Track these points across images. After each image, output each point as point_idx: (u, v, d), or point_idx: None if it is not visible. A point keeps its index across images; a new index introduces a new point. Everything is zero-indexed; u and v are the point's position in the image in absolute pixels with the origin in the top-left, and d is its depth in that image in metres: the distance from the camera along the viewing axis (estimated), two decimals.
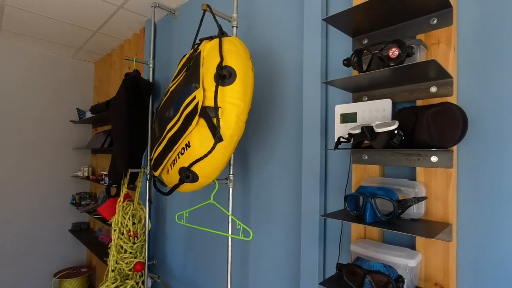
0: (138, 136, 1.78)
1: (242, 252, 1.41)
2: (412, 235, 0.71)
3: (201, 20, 1.27)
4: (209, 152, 0.90)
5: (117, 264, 1.78)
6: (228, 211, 1.24)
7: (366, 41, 1.02)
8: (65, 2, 2.01)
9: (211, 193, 1.56)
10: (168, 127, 1.07)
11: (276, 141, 1.32)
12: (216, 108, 0.88)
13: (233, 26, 1.33)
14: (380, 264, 0.84)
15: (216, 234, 1.51)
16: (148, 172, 1.91)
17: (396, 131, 0.78)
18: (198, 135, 0.93)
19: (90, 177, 2.79)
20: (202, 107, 0.91)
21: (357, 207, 0.90)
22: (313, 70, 1.15)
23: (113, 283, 1.73)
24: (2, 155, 2.77)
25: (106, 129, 2.95)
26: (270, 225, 1.31)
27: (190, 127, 0.93)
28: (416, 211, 0.86)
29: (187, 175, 0.97)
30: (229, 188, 1.28)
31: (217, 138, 0.88)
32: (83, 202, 2.90)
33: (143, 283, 1.83)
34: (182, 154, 0.98)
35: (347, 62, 0.91)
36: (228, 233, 1.22)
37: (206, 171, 0.98)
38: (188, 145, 0.96)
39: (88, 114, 2.83)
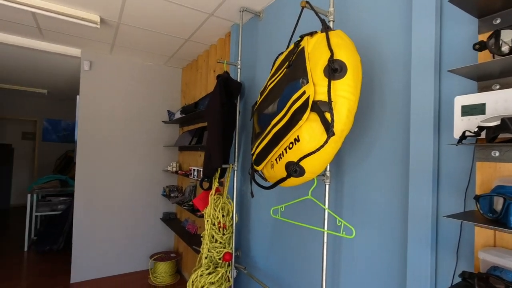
0: (228, 133, 1.90)
1: (333, 253, 1.38)
2: None
3: (299, 17, 1.29)
4: (321, 146, 0.90)
5: (209, 252, 1.92)
6: (325, 208, 1.22)
7: (498, 21, 0.90)
8: (165, 15, 2.26)
9: (299, 190, 1.57)
10: (273, 122, 1.11)
11: (374, 138, 1.26)
12: (329, 102, 0.88)
13: (329, 21, 1.32)
14: None
15: (304, 230, 1.51)
16: (236, 168, 2.02)
17: None
18: (308, 130, 0.95)
19: (178, 172, 3.08)
20: (313, 101, 0.92)
21: (491, 209, 0.80)
22: (425, 59, 1.06)
23: (206, 269, 1.87)
24: (108, 151, 3.26)
25: (192, 128, 3.22)
26: (366, 225, 1.25)
27: (300, 122, 0.95)
28: None
29: (295, 169, 1.00)
30: (325, 184, 1.27)
31: (331, 132, 0.88)
32: (172, 195, 3.22)
33: (230, 272, 1.94)
34: (290, 148, 1.01)
35: (479, 46, 0.81)
36: (322, 230, 1.21)
37: (314, 165, 0.98)
38: (297, 140, 0.98)
39: (177, 115, 3.13)
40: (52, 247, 3.95)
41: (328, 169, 1.26)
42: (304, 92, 0.96)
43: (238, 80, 2.07)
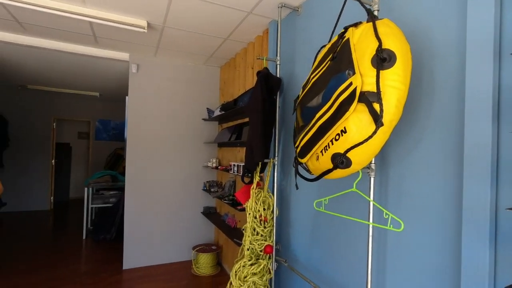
0: (268, 129, 1.93)
1: (378, 248, 1.35)
2: None
3: (342, 7, 1.28)
4: (370, 137, 0.90)
5: (250, 244, 1.98)
6: (370, 200, 1.21)
7: None
8: (205, 16, 2.36)
9: (340, 184, 1.55)
10: (318, 115, 1.12)
11: (423, 128, 1.21)
12: (378, 92, 0.87)
13: (374, 10, 1.29)
14: None
15: (347, 224, 1.49)
16: (276, 162, 2.05)
17: None
18: (356, 121, 0.94)
19: (218, 167, 3.19)
20: (360, 92, 0.91)
21: None
22: (483, 43, 1.00)
23: (249, 260, 1.93)
24: (153, 148, 3.47)
25: (231, 125, 3.32)
26: (413, 219, 1.21)
27: (347, 113, 0.95)
28: None
29: (342, 160, 1.00)
30: (370, 177, 1.25)
31: (379, 123, 0.87)
32: (212, 189, 3.35)
33: (270, 265, 1.99)
34: (336, 140, 1.02)
35: None
36: (368, 223, 1.19)
37: (361, 157, 0.98)
38: (344, 131, 0.98)
39: (216, 112, 3.24)
40: (105, 236, 4.32)
41: (373, 161, 1.24)
42: (350, 84, 0.96)
43: (277, 76, 2.09)
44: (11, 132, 5.84)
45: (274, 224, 2.02)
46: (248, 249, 1.97)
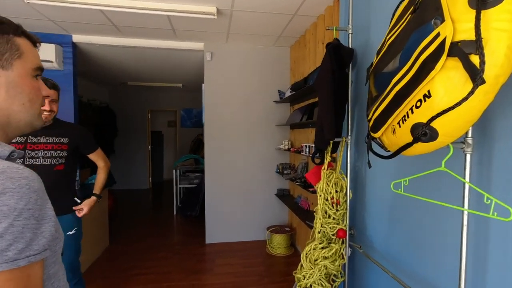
0: (340, 105, 1.78)
1: (476, 239, 1.10)
2: None
3: None
4: (464, 99, 0.71)
5: (322, 227, 1.90)
6: (465, 182, 0.98)
7: None
8: None
9: (424, 161, 1.32)
10: (394, 80, 0.95)
11: None
12: (478, 40, 0.67)
13: None
14: None
15: (434, 209, 1.27)
16: (349, 141, 1.89)
17: None
18: (444, 81, 0.76)
19: (290, 149, 3.15)
20: (451, 43, 0.73)
21: None
22: None
23: (320, 243, 1.86)
24: (228, 132, 3.63)
25: (302, 105, 3.21)
26: None
27: (432, 72, 0.77)
28: None
29: (424, 132, 0.83)
30: (465, 154, 1.02)
31: (479, 80, 0.68)
32: (285, 171, 3.34)
33: (344, 250, 1.87)
34: (417, 107, 0.85)
35: None
36: (462, 209, 0.97)
37: (451, 126, 0.79)
38: (427, 95, 0.81)
39: (287, 93, 3.17)
40: (191, 213, 4.82)
41: (469, 134, 1.00)
42: (438, 35, 0.77)
43: (350, 47, 1.89)
44: (118, 124, 6.96)
45: (348, 208, 1.88)
46: (319, 232, 1.89)
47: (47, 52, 3.12)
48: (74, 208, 1.86)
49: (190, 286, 2.61)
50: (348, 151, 1.89)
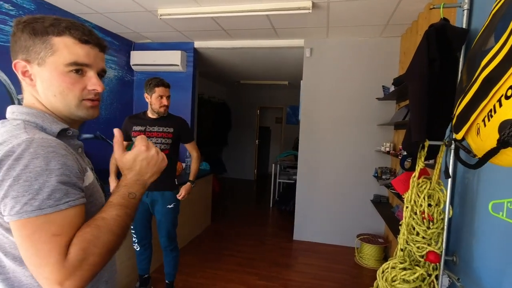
0: (440, 100, 1.44)
1: None
2: None
3: None
4: None
5: (407, 244, 1.60)
6: None
7: None
8: None
9: None
10: (484, 62, 0.71)
11: None
12: None
13: None
14: None
15: None
16: (453, 146, 1.52)
17: None
18: None
19: (390, 152, 2.78)
20: None
21: None
22: None
23: (401, 262, 1.58)
24: (324, 130, 3.50)
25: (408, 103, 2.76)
26: None
27: None
28: None
29: None
30: None
31: None
32: (383, 176, 2.97)
33: (436, 278, 1.52)
34: (507, 97, 0.61)
35: None
36: None
37: None
38: None
39: (392, 89, 2.79)
40: (286, 207, 4.92)
41: None
42: None
43: (464, 26, 1.50)
44: (232, 119, 7.77)
45: (445, 227, 1.52)
46: (402, 250, 1.61)
47: (175, 58, 3.80)
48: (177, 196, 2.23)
49: (269, 277, 2.70)
50: (450, 157, 1.52)
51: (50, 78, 0.64)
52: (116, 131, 0.68)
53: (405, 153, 1.70)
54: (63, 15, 0.70)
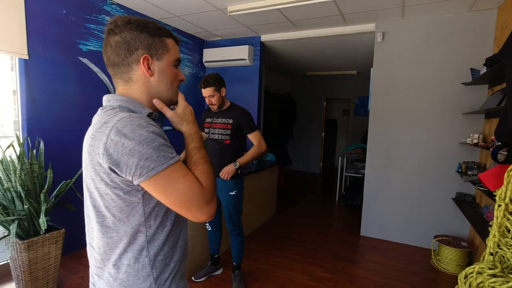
0: None
1: None
2: None
3: None
4: None
5: (499, 248, 1.40)
6: None
7: None
8: None
9: None
10: None
11: None
12: None
13: None
14: None
15: None
16: None
17: None
18: None
19: (479, 144, 2.42)
20: None
21: None
22: None
23: (490, 268, 1.39)
24: (397, 120, 3.22)
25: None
26: None
27: None
28: None
29: None
30: None
31: None
32: (469, 172, 2.60)
33: None
34: None
35: None
36: None
37: None
38: None
39: (482, 71, 2.41)
40: (352, 202, 4.72)
41: None
42: None
43: None
44: (298, 111, 7.72)
45: None
46: (492, 254, 1.41)
47: (242, 52, 3.95)
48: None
49: (334, 270, 2.65)
50: None
51: (165, 70, 0.79)
52: (155, 100, 0.80)
53: (498, 143, 1.47)
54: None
